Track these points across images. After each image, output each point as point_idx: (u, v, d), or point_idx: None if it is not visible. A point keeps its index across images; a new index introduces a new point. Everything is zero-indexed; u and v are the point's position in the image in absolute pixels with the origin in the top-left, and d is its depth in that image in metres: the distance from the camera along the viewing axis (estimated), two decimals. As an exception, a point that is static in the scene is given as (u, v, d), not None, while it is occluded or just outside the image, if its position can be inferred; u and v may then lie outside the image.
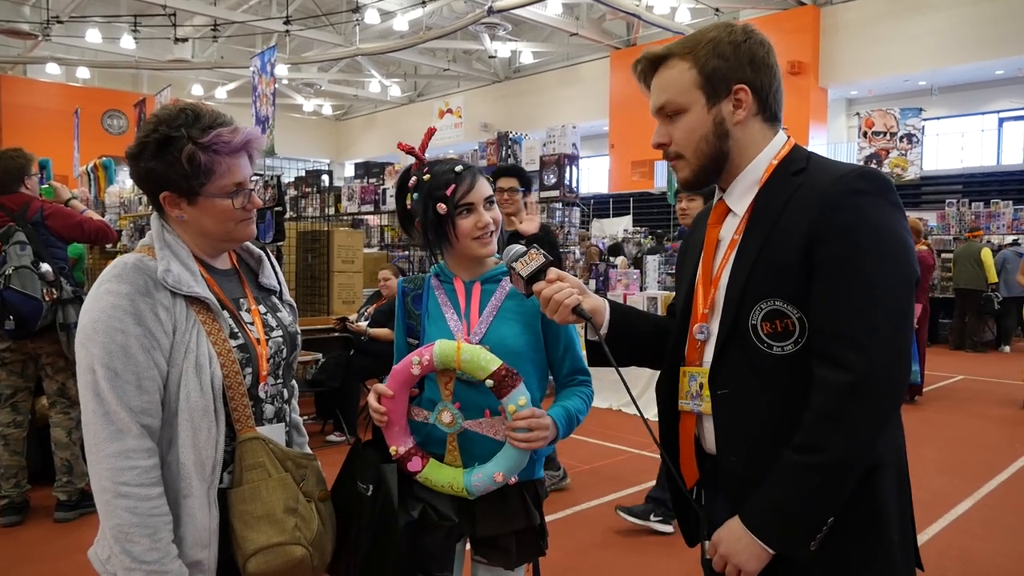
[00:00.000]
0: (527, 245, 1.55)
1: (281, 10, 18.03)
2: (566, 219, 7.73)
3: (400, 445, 1.69)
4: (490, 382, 1.58)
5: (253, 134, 1.52)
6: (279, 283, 1.72)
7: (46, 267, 3.76)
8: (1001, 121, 17.81)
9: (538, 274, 1.49)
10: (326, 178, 10.67)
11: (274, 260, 1.75)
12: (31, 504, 3.98)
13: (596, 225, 17.46)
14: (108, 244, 5.17)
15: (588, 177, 21.69)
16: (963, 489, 4.58)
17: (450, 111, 23.43)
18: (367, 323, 5.81)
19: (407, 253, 9.46)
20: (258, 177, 1.66)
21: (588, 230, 15.18)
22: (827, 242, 1.25)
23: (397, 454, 1.69)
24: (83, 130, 13.80)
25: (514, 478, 1.68)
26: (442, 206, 1.69)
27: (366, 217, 10.12)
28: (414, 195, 1.76)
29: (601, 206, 19.05)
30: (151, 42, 19.19)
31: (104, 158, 10.92)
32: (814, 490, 1.23)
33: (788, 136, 1.41)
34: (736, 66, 1.35)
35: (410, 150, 1.81)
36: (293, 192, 10.52)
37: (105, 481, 1.35)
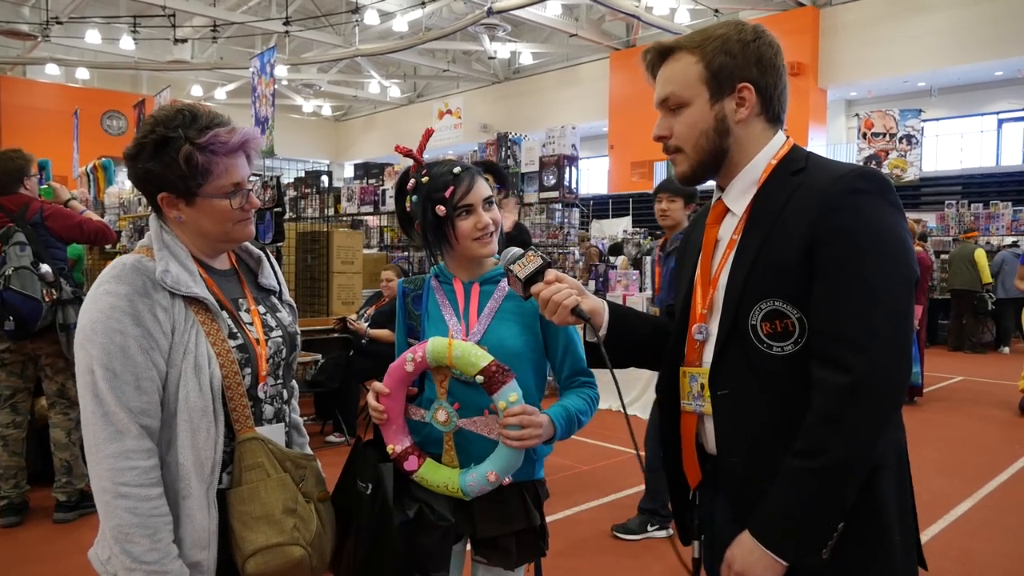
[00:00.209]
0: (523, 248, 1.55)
1: (280, 11, 18.02)
2: (565, 220, 7.72)
3: (397, 444, 1.70)
4: (480, 378, 1.58)
5: (250, 134, 1.51)
6: (279, 283, 1.72)
7: (46, 268, 3.76)
8: (1000, 122, 17.82)
9: (536, 276, 1.48)
10: (325, 179, 10.68)
11: (274, 260, 1.75)
12: (30, 505, 3.97)
13: (596, 226, 17.47)
14: (107, 245, 5.16)
15: (587, 178, 21.70)
16: (963, 490, 4.58)
17: (449, 112, 23.42)
18: (367, 324, 5.81)
19: (406, 254, 9.45)
20: (256, 178, 1.66)
21: (588, 231, 15.18)
22: (827, 242, 1.24)
23: (394, 452, 1.69)
24: (82, 131, 13.79)
25: (508, 478, 1.66)
26: (441, 208, 1.69)
27: (365, 218, 10.12)
28: (413, 197, 1.76)
29: (601, 207, 19.06)
30: (150, 43, 19.19)
31: (103, 159, 10.92)
32: (816, 494, 1.22)
33: (787, 136, 1.41)
34: (743, 64, 1.34)
35: (408, 152, 1.80)
36: (292, 193, 10.53)
37: (105, 482, 1.35)
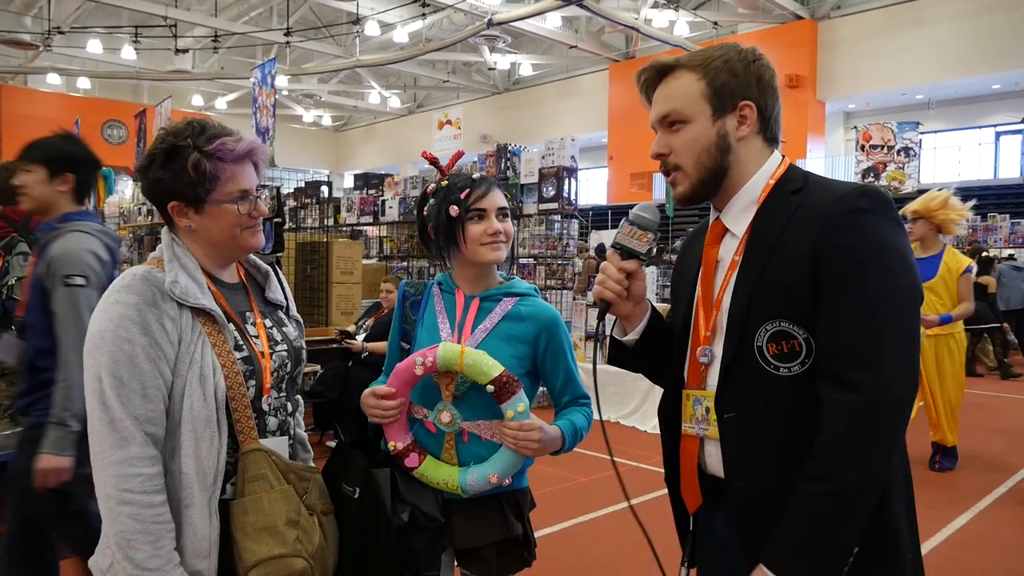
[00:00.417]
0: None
1: (282, 21, 18.14)
2: (564, 231, 7.74)
3: (399, 441, 1.73)
4: (491, 387, 1.62)
5: (257, 143, 1.56)
6: (286, 298, 1.74)
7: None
8: (998, 135, 17.91)
9: (634, 254, 1.42)
10: (325, 189, 10.70)
11: (282, 276, 1.77)
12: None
13: (595, 237, 17.48)
14: None
15: (587, 189, 21.75)
16: (961, 503, 4.57)
17: (449, 122, 23.38)
18: (365, 335, 5.81)
19: (406, 264, 9.47)
20: (264, 188, 1.69)
21: (587, 242, 15.20)
22: (830, 261, 1.23)
23: (396, 450, 1.72)
24: (83, 140, 13.83)
25: (509, 479, 1.72)
26: (454, 208, 1.73)
27: (365, 228, 10.13)
28: (431, 201, 1.80)
29: (600, 218, 19.08)
30: (152, 53, 19.30)
31: (104, 168, 10.95)
32: (831, 519, 1.19)
33: (783, 156, 1.42)
34: (745, 83, 1.36)
35: (433, 160, 1.87)
36: (292, 203, 10.55)
37: (109, 488, 1.37)
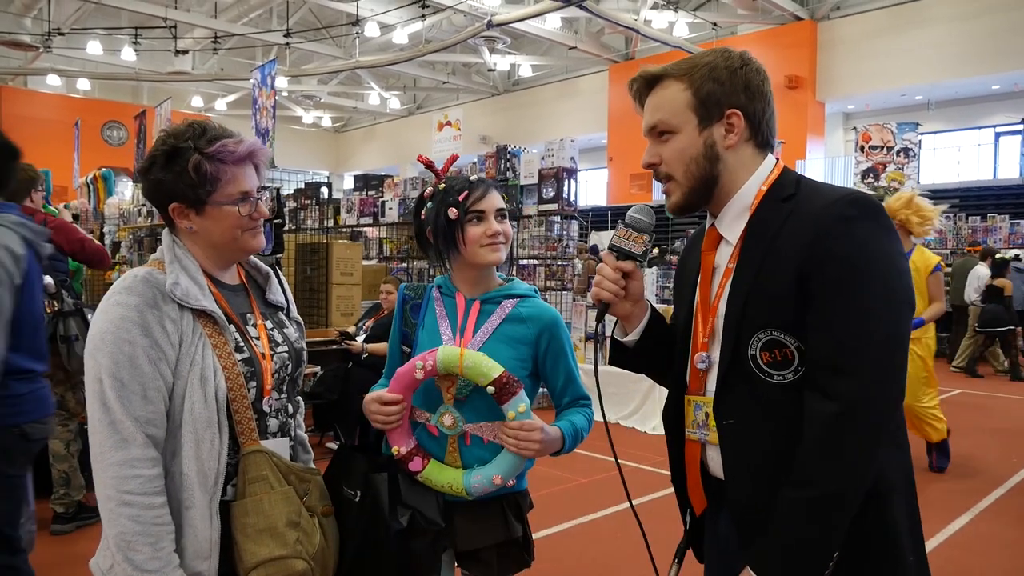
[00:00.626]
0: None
1: (281, 23, 18.14)
2: (564, 232, 7.74)
3: (402, 446, 1.73)
4: (491, 388, 1.62)
5: (257, 145, 1.56)
6: (287, 300, 1.74)
7: (48, 279, 3.76)
8: (997, 135, 17.89)
9: (630, 256, 1.44)
10: (325, 190, 10.71)
11: (283, 278, 1.77)
12: (29, 516, 3.97)
13: (595, 237, 17.48)
14: (102, 269, 5.22)
15: (586, 190, 21.74)
16: (961, 503, 4.58)
17: (449, 123, 23.39)
18: (364, 337, 5.81)
19: (405, 265, 9.46)
20: (265, 190, 1.69)
21: (586, 243, 15.20)
22: (819, 269, 1.23)
23: (399, 454, 1.72)
24: (83, 141, 13.86)
25: (512, 480, 1.72)
26: (453, 211, 1.72)
27: (365, 229, 10.13)
28: (428, 204, 1.80)
29: (600, 219, 19.08)
30: (151, 54, 19.28)
31: (104, 169, 10.96)
32: (809, 525, 1.21)
33: (777, 159, 1.41)
34: (731, 91, 1.35)
35: (429, 164, 1.87)
36: (292, 204, 10.56)
37: (109, 489, 1.37)
